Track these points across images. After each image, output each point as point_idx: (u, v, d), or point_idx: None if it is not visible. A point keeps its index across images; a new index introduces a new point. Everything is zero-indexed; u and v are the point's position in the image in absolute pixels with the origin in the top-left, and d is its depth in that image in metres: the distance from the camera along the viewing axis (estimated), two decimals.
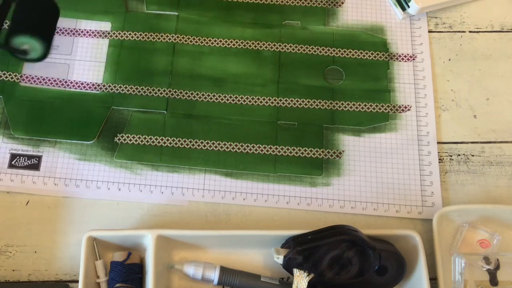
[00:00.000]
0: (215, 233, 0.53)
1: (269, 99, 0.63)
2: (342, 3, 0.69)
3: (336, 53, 0.66)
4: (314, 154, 0.61)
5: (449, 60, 0.66)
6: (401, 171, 0.60)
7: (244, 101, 0.63)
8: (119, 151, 0.60)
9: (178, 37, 0.66)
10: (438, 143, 0.62)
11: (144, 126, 0.61)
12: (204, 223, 0.58)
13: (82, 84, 0.62)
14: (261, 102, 0.63)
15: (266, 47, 0.66)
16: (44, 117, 0.61)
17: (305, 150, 0.61)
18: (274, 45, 0.66)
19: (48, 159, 0.59)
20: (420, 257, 0.52)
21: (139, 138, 0.61)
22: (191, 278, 0.53)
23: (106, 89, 0.62)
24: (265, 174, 0.60)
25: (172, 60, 0.64)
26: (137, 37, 0.65)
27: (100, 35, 0.65)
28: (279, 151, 0.61)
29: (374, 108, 0.63)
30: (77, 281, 0.54)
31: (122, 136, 0.61)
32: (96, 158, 0.60)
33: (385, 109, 0.63)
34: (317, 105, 0.63)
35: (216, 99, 0.63)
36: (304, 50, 0.66)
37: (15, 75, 0.63)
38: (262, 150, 0.61)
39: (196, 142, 0.61)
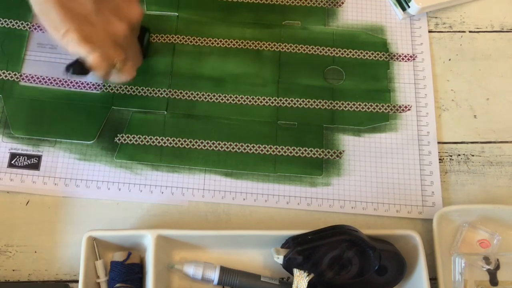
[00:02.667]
0: (215, 233, 0.53)
1: (269, 99, 0.63)
2: (342, 3, 0.69)
3: (336, 53, 0.66)
4: (314, 154, 0.61)
5: (449, 60, 0.66)
6: (401, 171, 0.60)
7: (244, 101, 0.63)
8: (119, 151, 0.60)
9: (178, 37, 0.66)
10: (438, 143, 0.62)
11: (144, 126, 0.61)
12: (204, 223, 0.58)
13: (82, 84, 0.62)
14: (261, 102, 0.63)
15: (266, 47, 0.66)
16: (44, 116, 0.61)
17: (305, 150, 0.61)
18: (274, 45, 0.66)
19: (48, 159, 0.59)
20: (420, 257, 0.52)
21: (139, 138, 0.61)
22: (191, 278, 0.53)
23: (106, 89, 0.62)
24: (265, 174, 0.60)
25: (172, 60, 0.64)
26: None
27: None
28: (279, 151, 0.61)
29: (374, 108, 0.63)
30: (77, 281, 0.54)
31: (122, 136, 0.61)
32: (96, 158, 0.60)
33: (385, 109, 0.63)
34: (317, 105, 0.63)
35: (216, 99, 0.63)
36: (304, 50, 0.66)
37: (15, 74, 0.63)
38: (262, 150, 0.61)
39: (196, 142, 0.61)
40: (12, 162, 0.59)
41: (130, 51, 0.55)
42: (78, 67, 0.53)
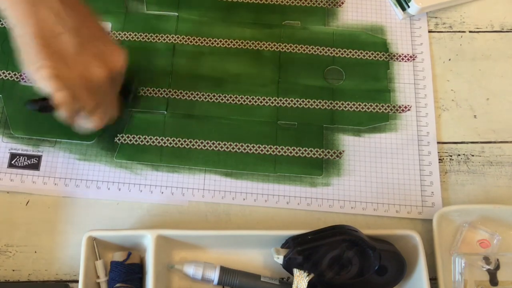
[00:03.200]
0: (215, 233, 0.53)
1: (269, 99, 0.63)
2: (342, 3, 0.69)
3: (336, 53, 0.66)
4: (314, 154, 0.61)
5: (449, 60, 0.66)
6: (401, 171, 0.60)
7: (244, 101, 0.63)
8: (119, 151, 0.60)
9: (178, 37, 0.66)
10: (438, 143, 0.62)
11: (144, 126, 0.61)
12: (204, 223, 0.58)
13: None
14: (261, 102, 0.63)
15: (266, 47, 0.66)
16: (44, 116, 0.61)
17: (305, 150, 0.61)
18: (274, 45, 0.66)
19: (48, 159, 0.59)
20: (420, 257, 0.52)
21: (139, 138, 0.61)
22: (191, 278, 0.53)
23: None
24: (265, 174, 0.60)
25: (172, 60, 0.64)
26: (137, 38, 0.65)
27: None
28: (279, 151, 0.61)
29: (374, 108, 0.63)
30: (77, 281, 0.54)
31: (122, 136, 0.61)
32: (96, 158, 0.60)
33: (385, 109, 0.63)
34: (317, 105, 0.63)
35: (216, 99, 0.63)
36: (304, 50, 0.66)
37: (15, 74, 0.63)
38: (262, 150, 0.61)
39: (196, 142, 0.61)
40: (12, 162, 0.59)
41: (104, 100, 0.52)
42: (42, 105, 0.51)
